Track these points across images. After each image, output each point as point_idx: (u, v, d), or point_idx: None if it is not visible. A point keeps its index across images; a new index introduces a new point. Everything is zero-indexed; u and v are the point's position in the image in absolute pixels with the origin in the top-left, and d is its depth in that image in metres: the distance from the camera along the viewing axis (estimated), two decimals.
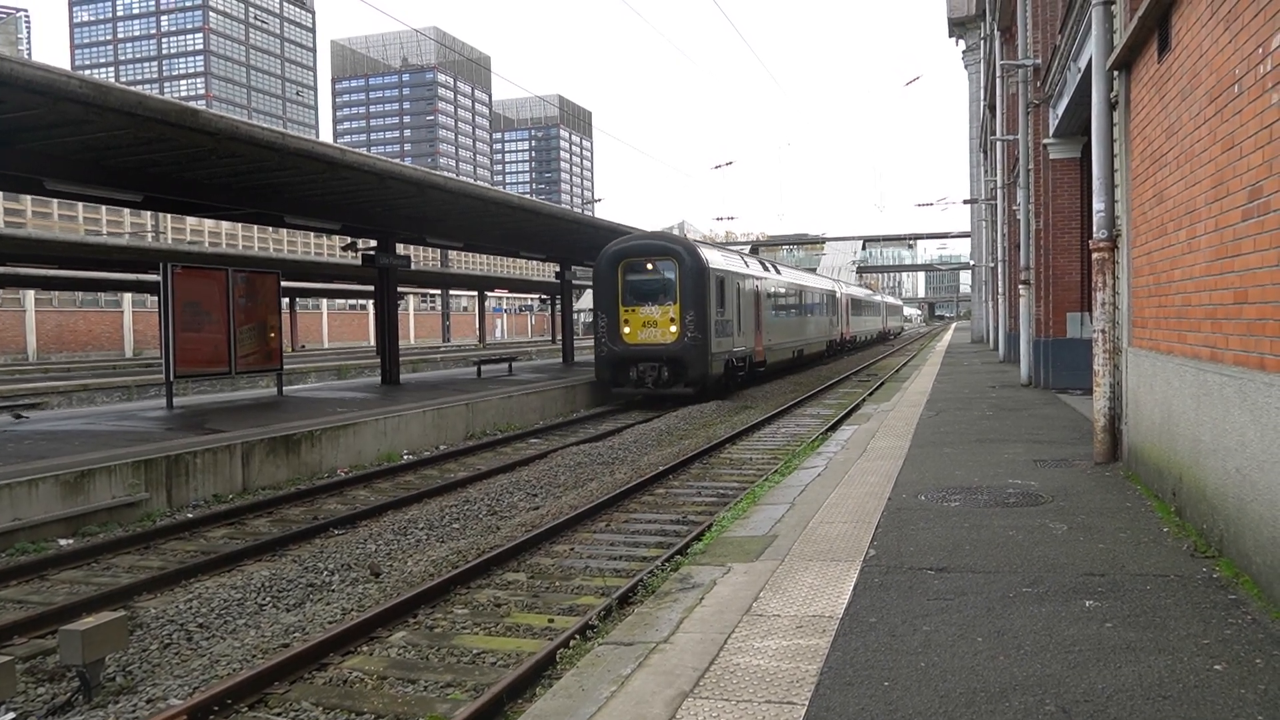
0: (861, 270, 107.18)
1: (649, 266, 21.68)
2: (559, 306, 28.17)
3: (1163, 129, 6.98)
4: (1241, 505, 5.10)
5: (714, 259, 22.70)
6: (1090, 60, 9.57)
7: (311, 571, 8.14)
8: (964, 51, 46.61)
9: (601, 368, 22.04)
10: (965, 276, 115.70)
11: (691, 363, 21.03)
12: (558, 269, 31.72)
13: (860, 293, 57.25)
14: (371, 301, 58.02)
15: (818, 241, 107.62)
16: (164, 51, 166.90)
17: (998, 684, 3.82)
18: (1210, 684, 3.74)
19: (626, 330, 21.63)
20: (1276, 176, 4.54)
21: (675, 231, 38.28)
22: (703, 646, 4.43)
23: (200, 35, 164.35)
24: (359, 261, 22.32)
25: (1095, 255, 9.07)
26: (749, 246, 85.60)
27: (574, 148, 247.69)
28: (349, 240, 23.86)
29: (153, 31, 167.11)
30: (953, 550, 5.94)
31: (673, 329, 21.22)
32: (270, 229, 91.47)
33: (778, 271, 31.13)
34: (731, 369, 23.38)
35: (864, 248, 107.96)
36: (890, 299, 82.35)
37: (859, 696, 3.75)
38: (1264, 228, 4.73)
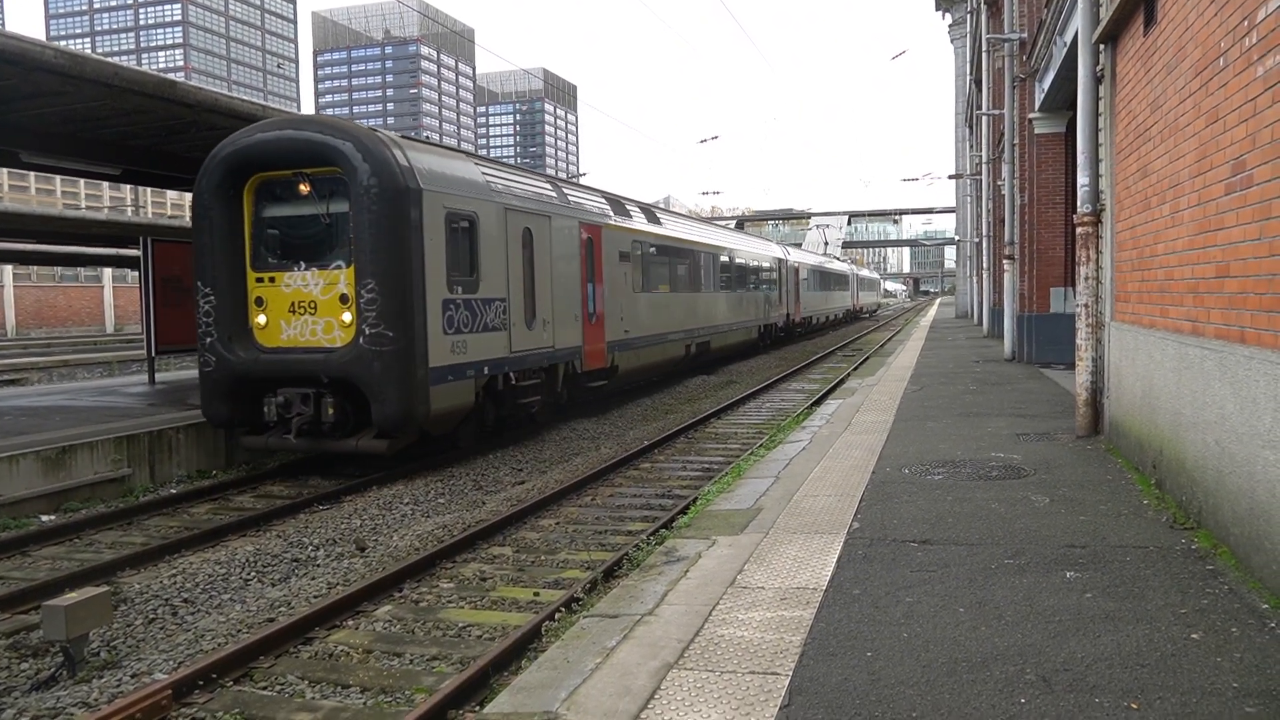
0: (846, 246, 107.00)
1: (302, 189, 10.76)
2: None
3: (1148, 103, 6.98)
4: (1220, 477, 5.16)
5: (433, 165, 11.16)
6: (1076, 34, 9.55)
7: (296, 546, 8.13)
8: (950, 25, 46.44)
9: (212, 397, 10.98)
10: (950, 252, 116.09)
11: (376, 387, 10.24)
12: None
13: (816, 260, 44.79)
14: None
15: (803, 216, 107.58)
16: (142, 22, 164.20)
17: (979, 654, 3.86)
18: (1187, 652, 3.80)
19: (261, 321, 10.95)
20: (1259, 150, 4.55)
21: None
22: (687, 619, 4.46)
23: (179, 6, 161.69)
24: None
25: (1079, 230, 9.09)
26: (734, 222, 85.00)
27: (559, 121, 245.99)
28: None
29: (130, 2, 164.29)
30: (935, 523, 5.99)
31: (345, 319, 10.54)
32: None
33: (650, 218, 19.67)
34: (503, 396, 12.67)
35: (849, 223, 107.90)
36: (865, 271, 75.76)
37: (842, 666, 3.78)
38: (1246, 201, 4.75)
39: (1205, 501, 5.46)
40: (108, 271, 54.59)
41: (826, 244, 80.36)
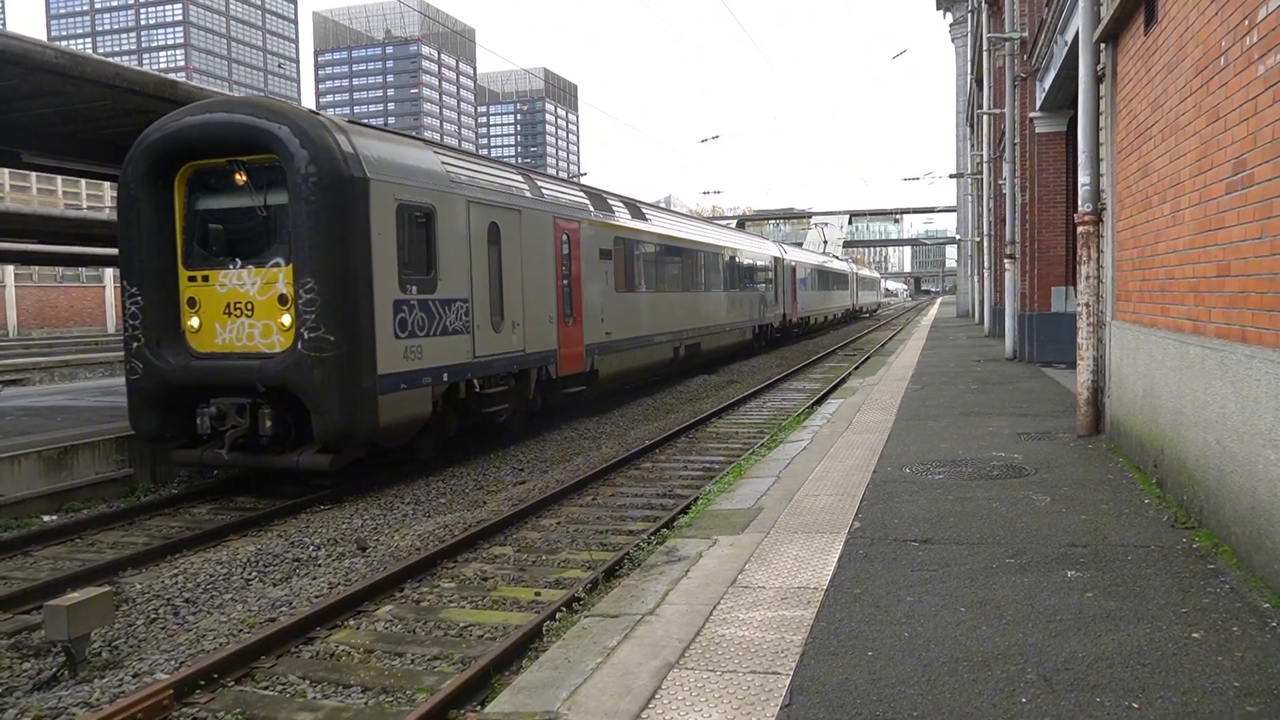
0: (847, 245, 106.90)
1: (238, 179, 9.93)
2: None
3: (1148, 102, 6.97)
4: (1221, 476, 5.16)
5: (382, 153, 10.29)
6: (1077, 33, 9.54)
7: (298, 546, 8.14)
8: (951, 25, 46.40)
9: (140, 407, 10.12)
10: (951, 251, 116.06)
11: (316, 397, 9.38)
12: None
13: (813, 259, 43.83)
14: None
15: (804, 216, 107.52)
16: (143, 22, 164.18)
17: (980, 653, 3.86)
18: (1188, 651, 3.80)
19: (194, 324, 10.07)
20: (1260, 149, 4.54)
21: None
22: (688, 618, 4.46)
23: (179, 6, 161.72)
24: None
25: (1080, 229, 9.09)
26: (735, 222, 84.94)
27: (559, 121, 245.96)
28: None
29: (131, 3, 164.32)
30: (936, 522, 5.99)
31: (284, 321, 9.68)
32: None
33: (635, 214, 18.79)
34: (466, 405, 11.76)
35: (850, 222, 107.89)
36: (865, 270, 74.96)
37: (843, 666, 3.79)
38: (1247, 200, 4.75)
39: (1206, 500, 5.46)
40: (109, 271, 54.57)
41: (825, 243, 79.87)
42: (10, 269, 49.37)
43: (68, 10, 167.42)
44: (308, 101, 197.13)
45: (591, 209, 16.14)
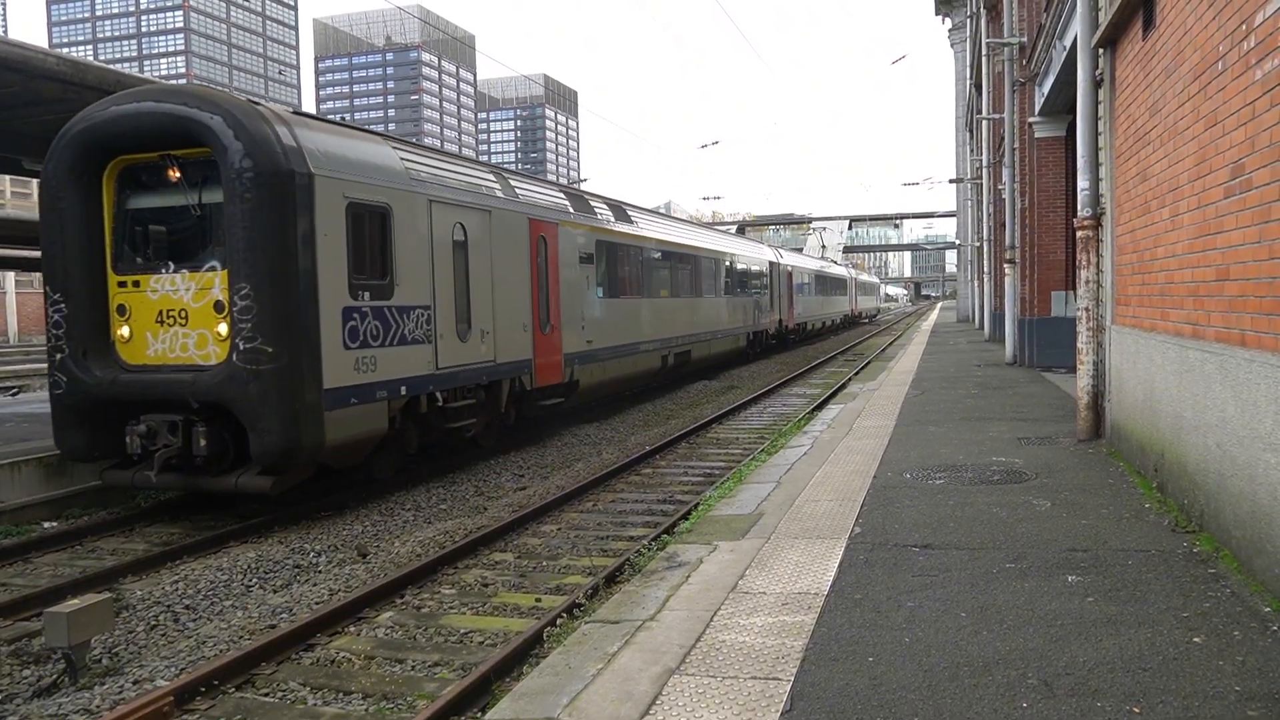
0: (847, 250, 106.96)
1: (171, 175, 9.13)
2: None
3: (1147, 106, 6.99)
4: (1222, 480, 5.16)
5: (330, 147, 9.48)
6: (1076, 38, 9.57)
7: (298, 553, 8.14)
8: (950, 29, 46.51)
9: (65, 424, 9.38)
10: (951, 256, 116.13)
11: (253, 414, 8.64)
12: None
13: (810, 263, 43.16)
14: None
15: (804, 221, 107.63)
16: (143, 30, 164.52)
17: (981, 658, 3.85)
18: (1189, 656, 3.79)
19: (124, 333, 9.28)
20: (1258, 153, 4.55)
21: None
22: (689, 624, 4.45)
23: (180, 13, 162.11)
24: None
25: (1079, 233, 9.10)
26: (735, 227, 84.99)
27: (559, 127, 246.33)
28: None
29: (131, 9, 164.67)
30: (937, 527, 5.99)
31: (220, 331, 8.89)
32: None
33: (619, 216, 18.00)
34: (428, 420, 11.05)
35: (850, 227, 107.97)
36: (864, 275, 74.60)
37: (844, 671, 3.78)
38: (1245, 205, 4.75)
39: (1207, 505, 5.46)
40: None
41: (824, 248, 79.87)
42: (11, 275, 49.42)
43: (69, 18, 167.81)
44: (308, 107, 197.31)
45: (571, 210, 15.37)
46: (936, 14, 46.37)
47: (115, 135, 9.02)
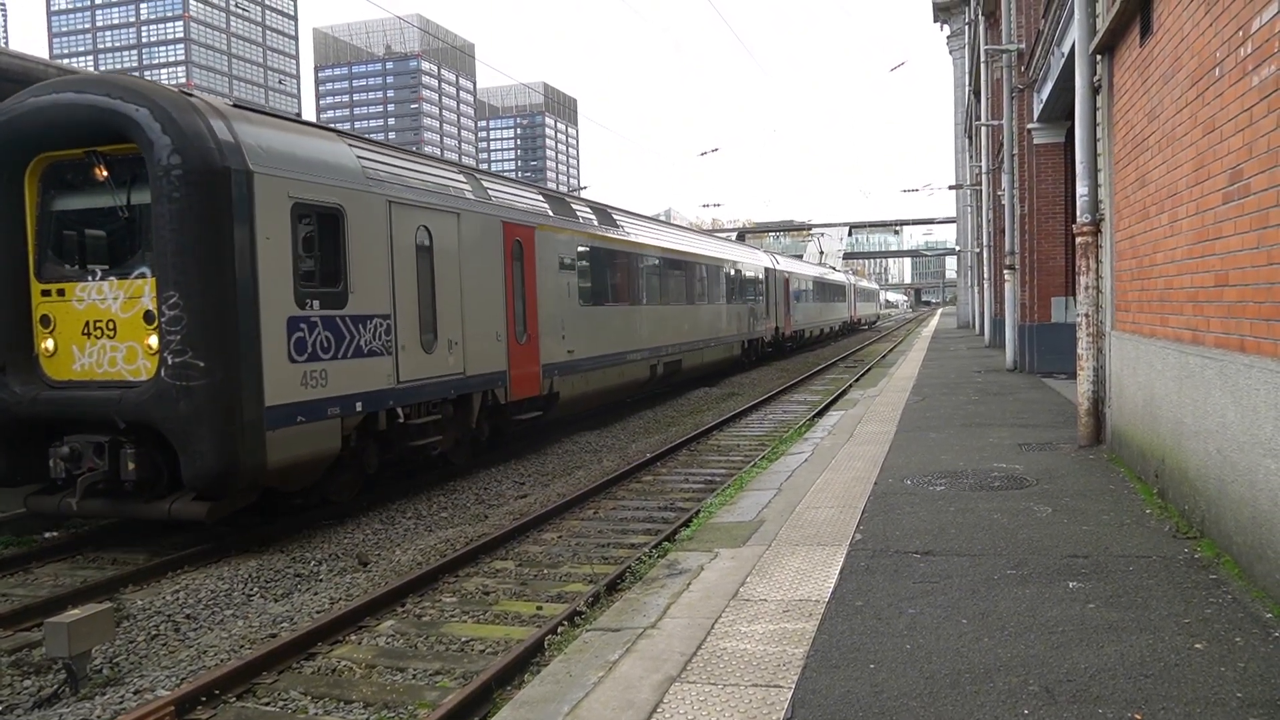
0: (847, 257, 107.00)
1: (98, 174, 8.46)
2: None
3: (1145, 113, 7.01)
4: (1222, 486, 5.16)
5: (273, 143, 8.79)
6: (1073, 45, 9.59)
7: (299, 562, 8.13)
8: (949, 36, 46.63)
9: None
10: (951, 262, 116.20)
11: (183, 434, 7.97)
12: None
13: (808, 269, 42.57)
14: None
15: (804, 228, 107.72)
16: (144, 40, 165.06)
17: (982, 665, 3.85)
18: (1191, 662, 3.79)
19: (48, 346, 8.60)
20: (1256, 159, 4.56)
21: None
22: (690, 631, 4.45)
23: (180, 23, 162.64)
24: None
25: (1079, 239, 9.11)
26: (735, 234, 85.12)
27: (559, 135, 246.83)
28: None
29: (132, 20, 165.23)
30: (938, 534, 5.99)
31: (151, 343, 8.21)
32: None
33: (604, 220, 17.35)
34: (389, 437, 10.35)
35: (850, 234, 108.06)
36: (863, 282, 74.83)
37: (845, 679, 3.78)
38: (1243, 210, 4.76)
39: (1208, 510, 5.46)
40: None
41: (822, 253, 79.86)
42: None
43: (69, 28, 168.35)
44: (307, 116, 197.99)
45: (550, 213, 14.60)
46: (935, 21, 46.49)
47: (35, 130, 8.34)
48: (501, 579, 7.53)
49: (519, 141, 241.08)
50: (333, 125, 11.45)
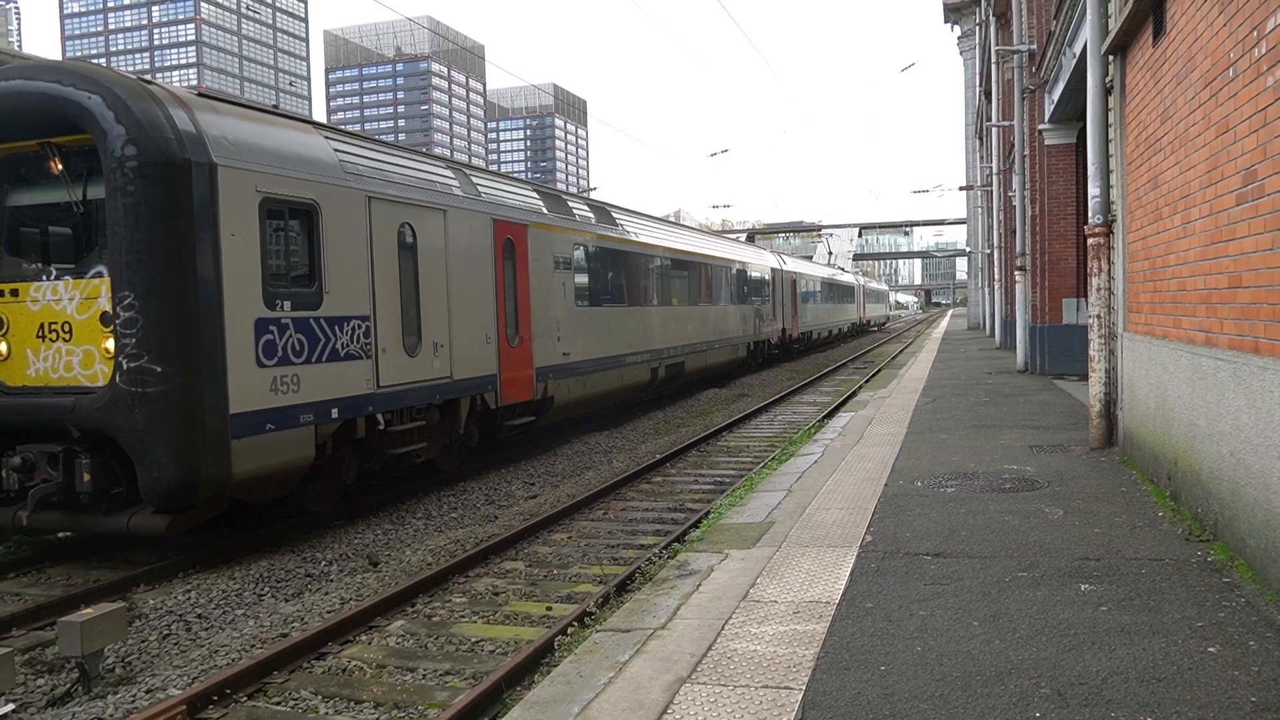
0: (858, 258, 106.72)
1: (52, 166, 7.94)
2: None
3: (1158, 113, 6.97)
4: (1236, 489, 5.13)
5: (240, 134, 8.30)
6: (1085, 45, 9.56)
7: (309, 562, 8.16)
8: (959, 37, 46.52)
9: None
10: (961, 263, 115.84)
11: (139, 444, 7.48)
12: None
13: (815, 270, 41.85)
14: None
15: (814, 229, 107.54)
16: (156, 42, 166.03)
17: (993, 667, 3.84)
18: (1204, 666, 3.77)
19: (2, 350, 8.12)
20: (1270, 160, 4.54)
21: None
22: (700, 632, 4.45)
23: (192, 26, 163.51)
24: None
25: (1090, 241, 9.07)
26: (744, 235, 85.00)
27: (569, 136, 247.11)
28: None
29: (144, 22, 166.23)
30: (949, 535, 5.97)
31: (108, 347, 7.68)
32: None
33: (602, 218, 16.81)
34: (369, 445, 9.86)
35: (860, 235, 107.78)
36: (873, 283, 74.34)
37: (855, 681, 3.77)
38: (1258, 212, 4.74)
39: (1221, 513, 5.43)
40: None
41: (831, 254, 79.53)
42: None
43: (82, 31, 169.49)
44: (318, 118, 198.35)
45: (545, 211, 14.00)
46: (945, 22, 46.39)
47: None
48: (511, 579, 7.54)
49: (529, 143, 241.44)
50: (307, 116, 10.84)
